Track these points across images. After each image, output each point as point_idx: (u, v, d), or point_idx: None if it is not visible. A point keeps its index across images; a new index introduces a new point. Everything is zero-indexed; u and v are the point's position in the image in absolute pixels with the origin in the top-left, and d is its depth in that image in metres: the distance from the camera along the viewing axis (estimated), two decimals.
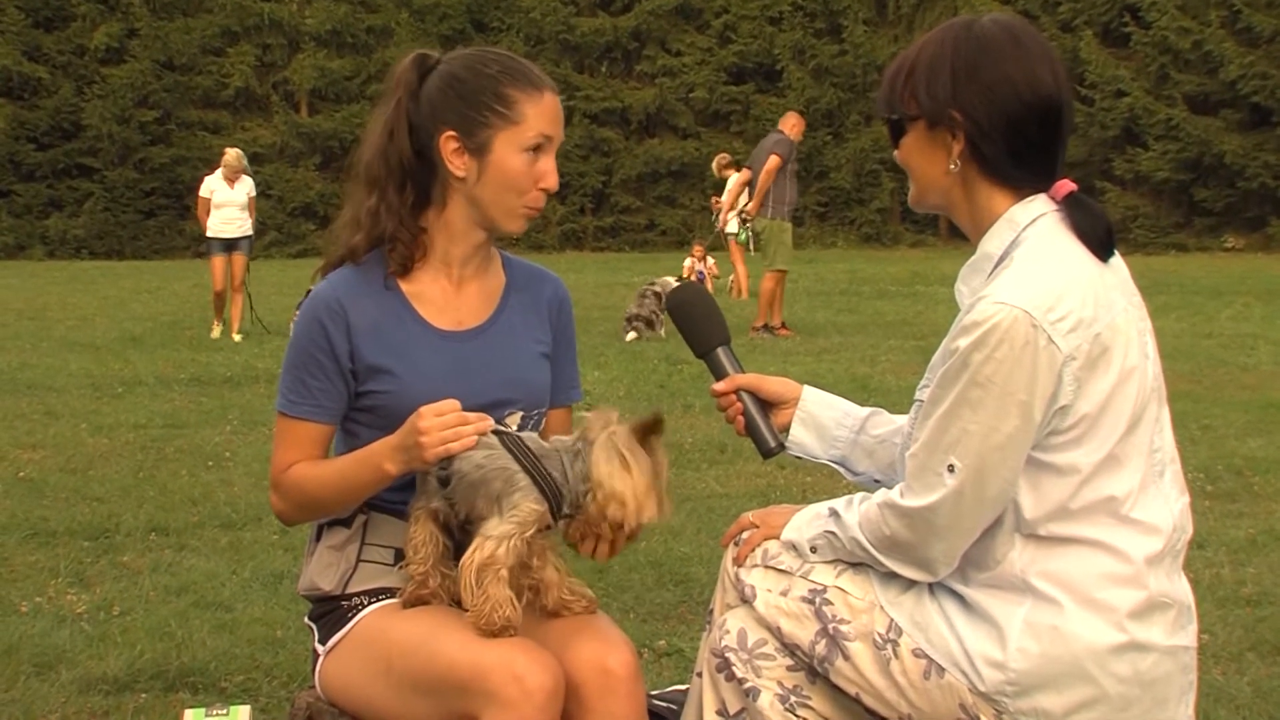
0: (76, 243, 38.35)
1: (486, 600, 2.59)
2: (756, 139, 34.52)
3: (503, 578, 2.59)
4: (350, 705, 2.81)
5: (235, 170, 16.54)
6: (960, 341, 2.38)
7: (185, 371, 13.00)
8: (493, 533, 2.60)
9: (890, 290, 22.91)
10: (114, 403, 11.11)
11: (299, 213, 39.65)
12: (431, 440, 2.63)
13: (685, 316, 2.93)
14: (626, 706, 2.64)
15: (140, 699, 4.41)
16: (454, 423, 2.64)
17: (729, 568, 2.80)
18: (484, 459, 2.64)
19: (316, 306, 2.84)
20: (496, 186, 2.81)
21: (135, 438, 9.42)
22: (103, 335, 16.52)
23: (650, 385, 11.77)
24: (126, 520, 6.86)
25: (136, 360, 13.92)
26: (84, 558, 6.22)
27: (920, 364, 10.43)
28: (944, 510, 2.43)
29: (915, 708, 2.51)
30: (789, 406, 2.88)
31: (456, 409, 2.66)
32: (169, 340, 15.97)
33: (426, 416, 2.64)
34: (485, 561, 2.59)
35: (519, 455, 2.62)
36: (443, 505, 2.71)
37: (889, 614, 2.54)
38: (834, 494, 2.73)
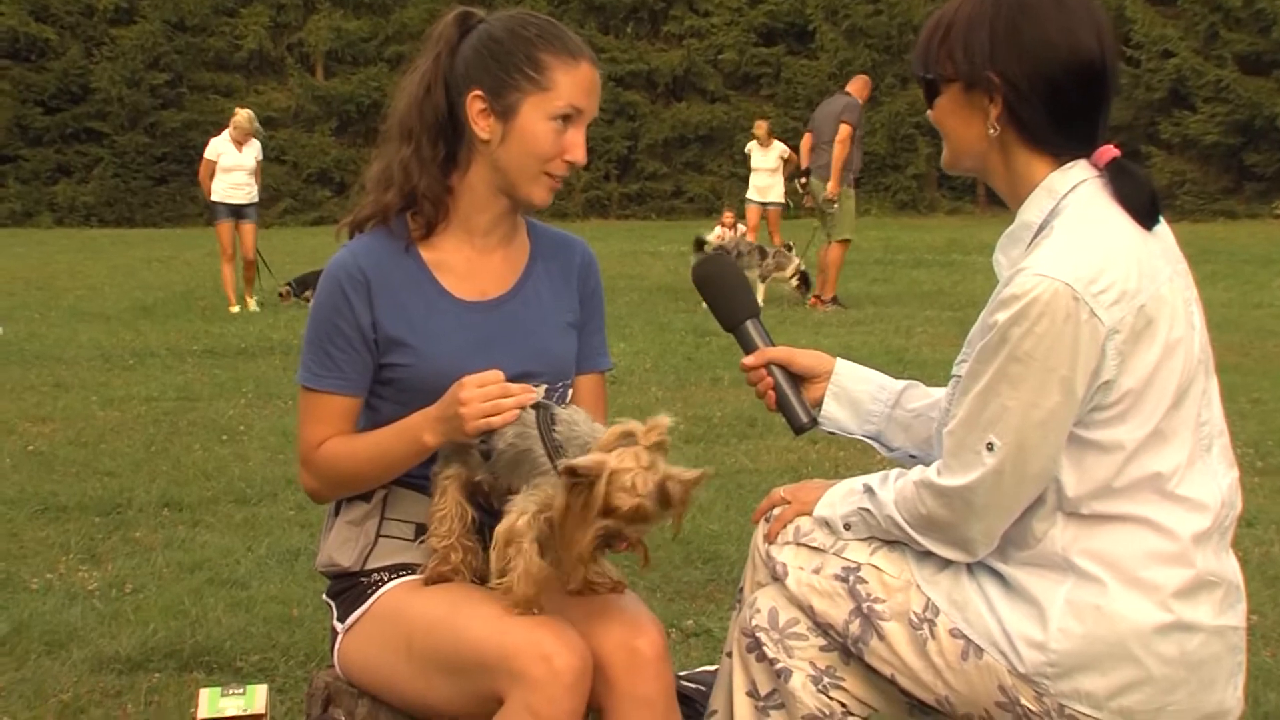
0: (85, 210, 38.46)
1: (515, 569, 2.60)
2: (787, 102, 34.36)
3: (526, 550, 2.60)
4: (370, 685, 2.82)
5: (246, 133, 16.18)
6: (999, 315, 2.38)
7: (198, 342, 13.04)
8: (515, 507, 2.62)
9: (926, 259, 22.85)
10: (125, 374, 11.16)
11: (314, 179, 39.68)
12: (472, 412, 2.63)
13: (713, 289, 2.93)
14: (654, 687, 2.65)
15: (154, 678, 4.44)
16: (496, 394, 2.64)
17: (759, 545, 2.80)
18: (515, 437, 2.65)
19: (338, 275, 2.85)
20: (519, 152, 2.81)
21: (147, 410, 9.47)
22: (113, 305, 16.58)
23: (677, 358, 11.77)
24: (139, 495, 6.90)
25: (148, 331, 13.98)
26: (95, 534, 6.26)
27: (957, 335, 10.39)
28: (983, 490, 2.43)
29: (952, 689, 2.52)
30: (821, 380, 2.88)
31: (499, 380, 2.66)
32: (181, 310, 16.02)
33: (468, 387, 2.65)
34: (507, 534, 2.61)
35: (545, 439, 2.62)
36: (487, 477, 2.72)
37: (925, 593, 2.55)
38: (868, 470, 2.74)
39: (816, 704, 2.62)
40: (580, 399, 3.03)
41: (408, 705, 2.78)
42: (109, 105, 39.03)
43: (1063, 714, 2.42)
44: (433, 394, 2.74)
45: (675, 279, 19.14)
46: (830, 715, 2.62)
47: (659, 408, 9.25)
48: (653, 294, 17.40)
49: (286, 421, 8.75)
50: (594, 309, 3.08)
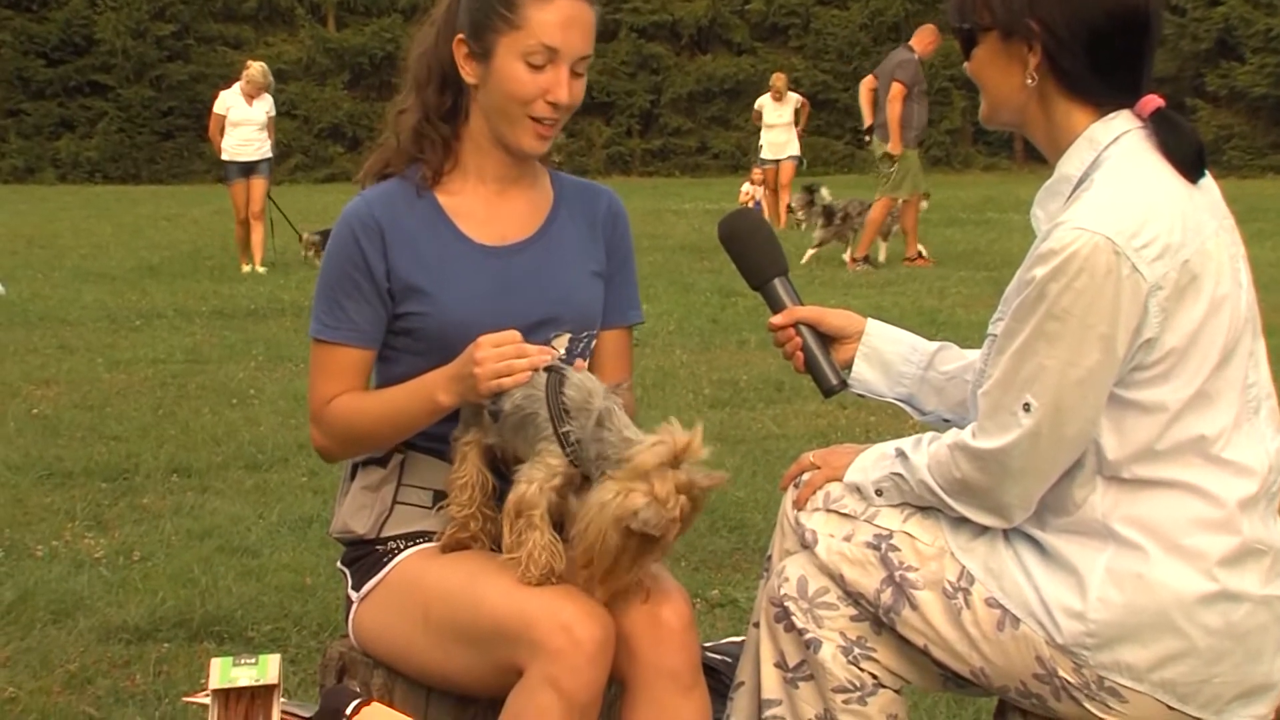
0: (89, 166, 38.56)
1: (522, 546, 2.61)
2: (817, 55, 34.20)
3: (537, 523, 2.61)
4: (385, 655, 2.84)
5: (259, 86, 16.04)
6: (1036, 271, 2.37)
7: (207, 303, 13.08)
8: (523, 476, 2.63)
9: (961, 217, 22.78)
10: (131, 336, 11.20)
11: (326, 134, 39.72)
12: (486, 372, 2.64)
13: (739, 245, 2.92)
14: (680, 659, 2.65)
15: (163, 648, 4.47)
16: (511, 354, 2.65)
17: (788, 511, 2.80)
18: (524, 399, 2.65)
19: (351, 223, 2.86)
20: (498, 95, 2.81)
21: (154, 373, 9.50)
22: (118, 264, 16.63)
23: (702, 319, 11.77)
24: (146, 460, 6.93)
25: (154, 291, 14.02)
26: (102, 500, 6.29)
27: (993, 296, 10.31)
28: (1019, 452, 2.43)
29: (988, 661, 2.52)
30: (851, 341, 2.88)
31: (517, 340, 2.67)
32: (189, 270, 16.06)
33: (484, 346, 2.65)
34: (516, 506, 2.62)
35: (551, 404, 2.62)
36: (497, 441, 2.73)
37: (960, 561, 2.55)
38: (900, 435, 2.73)
39: (847, 675, 2.62)
40: (603, 355, 3.03)
41: (424, 676, 2.79)
42: (113, 57, 39.08)
43: (1102, 686, 2.42)
44: (450, 344, 2.74)
45: (700, 238, 19.12)
46: (861, 687, 2.63)
47: (683, 371, 9.26)
48: (676, 253, 17.38)
49: (298, 385, 8.77)
50: (623, 260, 3.07)
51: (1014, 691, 2.54)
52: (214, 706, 2.44)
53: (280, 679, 2.43)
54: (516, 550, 2.62)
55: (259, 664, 2.44)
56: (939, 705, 3.97)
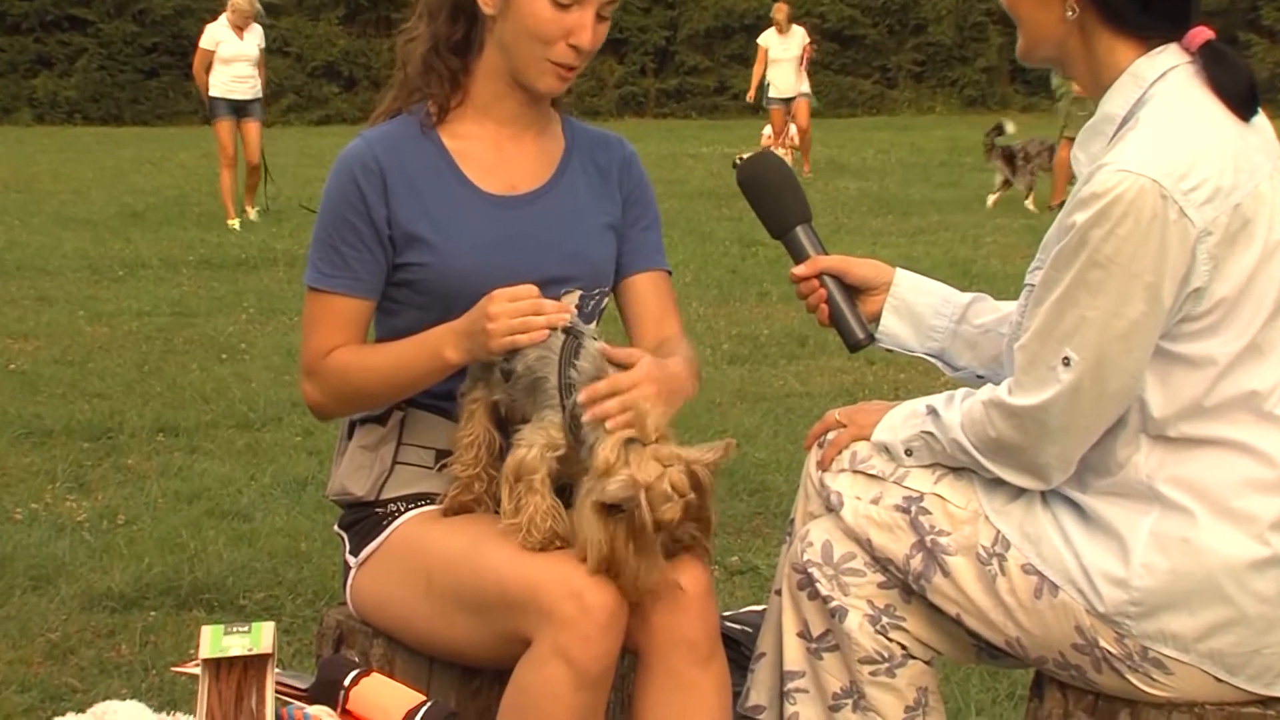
0: (68, 105, 38.50)
1: (524, 512, 2.62)
2: None
3: (537, 487, 2.62)
4: (385, 624, 2.85)
5: (246, 16, 15.54)
6: (1077, 216, 2.36)
7: (194, 252, 13.09)
8: (524, 439, 2.63)
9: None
10: (114, 287, 11.22)
11: (320, 73, 39.60)
12: (499, 328, 2.64)
13: (760, 191, 2.90)
14: (697, 627, 2.66)
15: (149, 617, 4.49)
16: (528, 310, 2.65)
17: (812, 473, 2.81)
18: (536, 360, 2.65)
19: (350, 164, 2.85)
20: (518, 31, 2.80)
21: (139, 326, 9.53)
22: (100, 211, 16.63)
23: (720, 270, 11.77)
24: (131, 419, 6.96)
25: (139, 239, 14.04)
26: (84, 460, 6.32)
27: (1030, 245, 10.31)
28: (1058, 409, 2.43)
29: (1024, 630, 2.53)
30: (879, 292, 2.87)
31: (533, 295, 2.67)
32: (175, 217, 16.06)
33: (499, 300, 2.65)
34: (517, 470, 2.62)
35: (561, 371, 2.62)
36: (504, 399, 2.73)
37: (995, 525, 2.55)
38: (930, 392, 2.73)
39: (874, 646, 2.63)
40: (646, 303, 3.02)
41: (426, 646, 2.80)
42: None
43: (1146, 657, 2.43)
44: (453, 297, 2.75)
45: (718, 183, 19.09)
46: (889, 658, 2.64)
47: (700, 325, 9.26)
48: (693, 200, 17.36)
49: (291, 339, 8.79)
50: (643, 206, 3.07)
51: (1052, 663, 2.55)
52: (204, 677, 2.45)
53: (275, 648, 2.44)
54: (515, 516, 2.62)
55: (252, 632, 2.45)
56: (971, 678, 3.99)
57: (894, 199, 17.21)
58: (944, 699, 2.75)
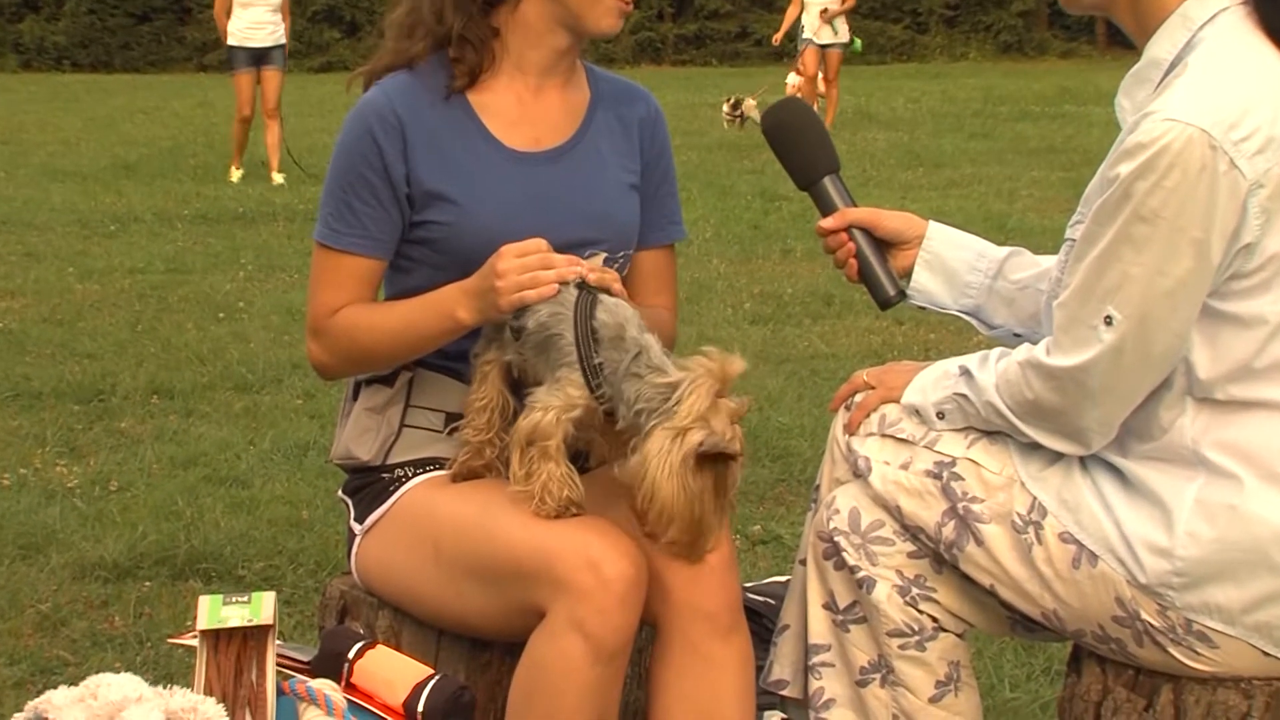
0: (57, 51, 38.49)
1: (537, 479, 2.61)
2: None
3: (553, 452, 2.61)
4: (392, 594, 2.86)
5: None
6: (1121, 167, 2.35)
7: (189, 206, 13.10)
8: (539, 402, 2.62)
9: (1034, 111, 22.65)
10: (105, 243, 11.23)
11: (321, 18, 39.56)
12: (508, 284, 2.63)
13: (785, 139, 2.90)
14: (717, 599, 2.67)
15: (144, 587, 4.51)
16: (536, 265, 2.64)
17: (839, 437, 2.81)
18: (549, 317, 2.64)
19: (367, 116, 2.84)
20: None
21: (131, 284, 9.54)
22: (90, 162, 16.64)
23: (742, 225, 11.76)
24: (124, 381, 6.97)
25: (131, 192, 14.04)
26: (75, 424, 6.34)
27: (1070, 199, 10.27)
28: (1099, 370, 2.42)
29: (1061, 602, 2.53)
30: (911, 246, 2.86)
31: (543, 249, 2.66)
32: (169, 169, 16.06)
33: (506, 256, 2.65)
34: (530, 435, 2.61)
35: (579, 327, 2.61)
36: (517, 359, 2.73)
37: (1031, 491, 2.55)
38: (963, 353, 2.73)
39: (903, 618, 2.63)
40: (643, 277, 3.02)
41: (435, 617, 2.81)
42: None
43: (1190, 630, 2.43)
44: (473, 259, 2.74)
45: (740, 135, 19.07)
46: (919, 631, 2.64)
47: (721, 283, 9.26)
48: (713, 152, 17.34)
49: (292, 297, 8.80)
50: (663, 171, 3.06)
51: (1090, 636, 2.55)
52: (202, 649, 2.46)
53: (276, 619, 2.45)
54: (526, 483, 2.62)
55: (252, 602, 2.46)
56: (1006, 652, 3.99)
57: (925, 150, 17.16)
58: (977, 674, 2.76)
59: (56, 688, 2.31)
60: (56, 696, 2.28)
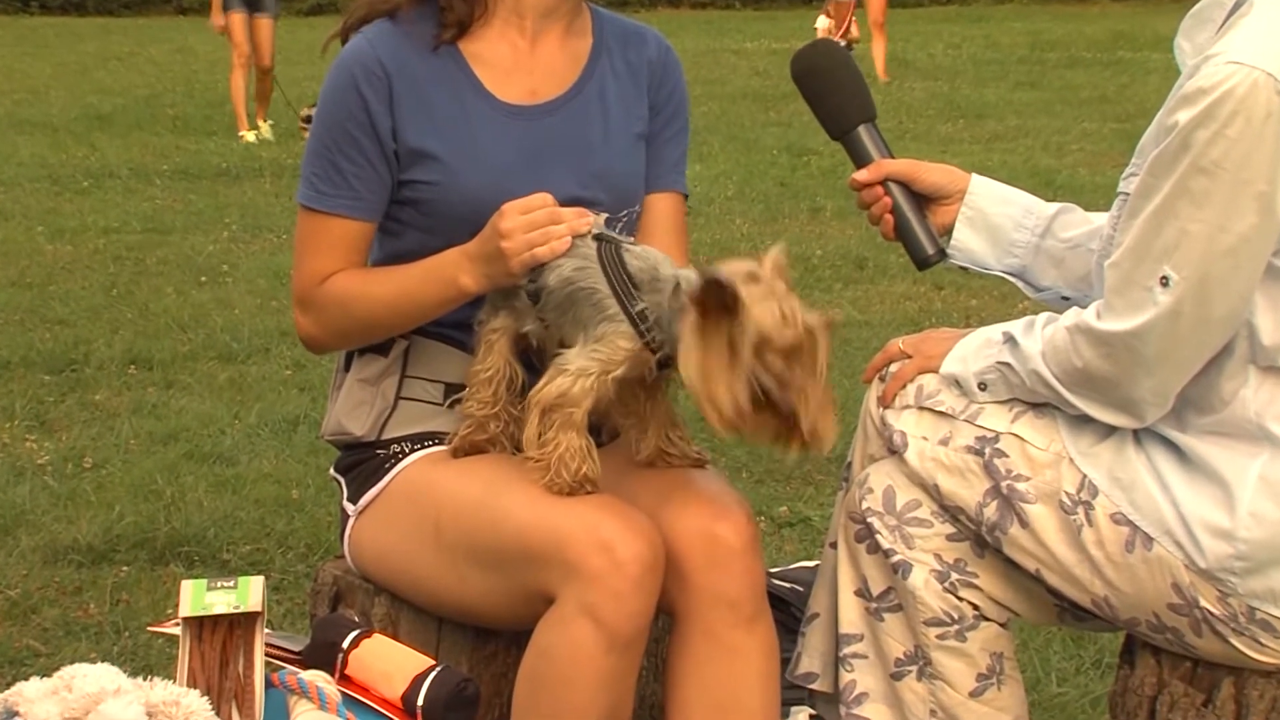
0: None
1: (555, 449, 2.60)
2: None
3: (576, 422, 2.60)
4: (388, 579, 2.86)
5: None
6: (1180, 115, 2.35)
7: (168, 161, 13.10)
8: (569, 365, 2.61)
9: (1085, 57, 22.60)
10: (78, 200, 11.24)
11: None
12: (515, 245, 2.63)
13: (817, 85, 2.89)
14: (740, 584, 2.66)
15: (121, 572, 4.52)
16: (543, 221, 2.64)
17: (872, 410, 2.81)
18: (574, 272, 2.63)
19: (351, 69, 2.84)
20: None
21: (106, 245, 9.54)
22: (61, 113, 16.64)
23: (768, 182, 11.74)
24: (98, 349, 6.98)
25: (105, 146, 14.05)
26: (45, 396, 6.35)
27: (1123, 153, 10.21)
28: (1155, 336, 2.42)
29: (1113, 588, 2.53)
30: (952, 202, 2.86)
31: (549, 203, 2.66)
32: (146, 120, 16.06)
33: (510, 214, 2.64)
34: (555, 400, 2.60)
35: (612, 275, 2.61)
36: (536, 327, 2.72)
37: (1081, 469, 2.55)
38: (1007, 319, 2.72)
39: (942, 605, 2.64)
40: (652, 227, 3.01)
41: (435, 604, 2.81)
42: None
43: (1253, 619, 2.43)
44: (464, 222, 2.74)
45: (764, 83, 19.04)
46: (959, 620, 2.64)
47: (745, 245, 9.25)
48: (736, 102, 17.32)
49: (279, 260, 8.80)
50: (671, 114, 3.05)
51: (1144, 625, 2.55)
52: (184, 638, 2.47)
53: (264, 606, 2.46)
54: (540, 450, 2.61)
55: (238, 588, 2.47)
56: (1053, 642, 3.99)
57: (966, 101, 17.13)
58: (1021, 666, 2.77)
59: (28, 679, 2.32)
60: (28, 689, 2.29)
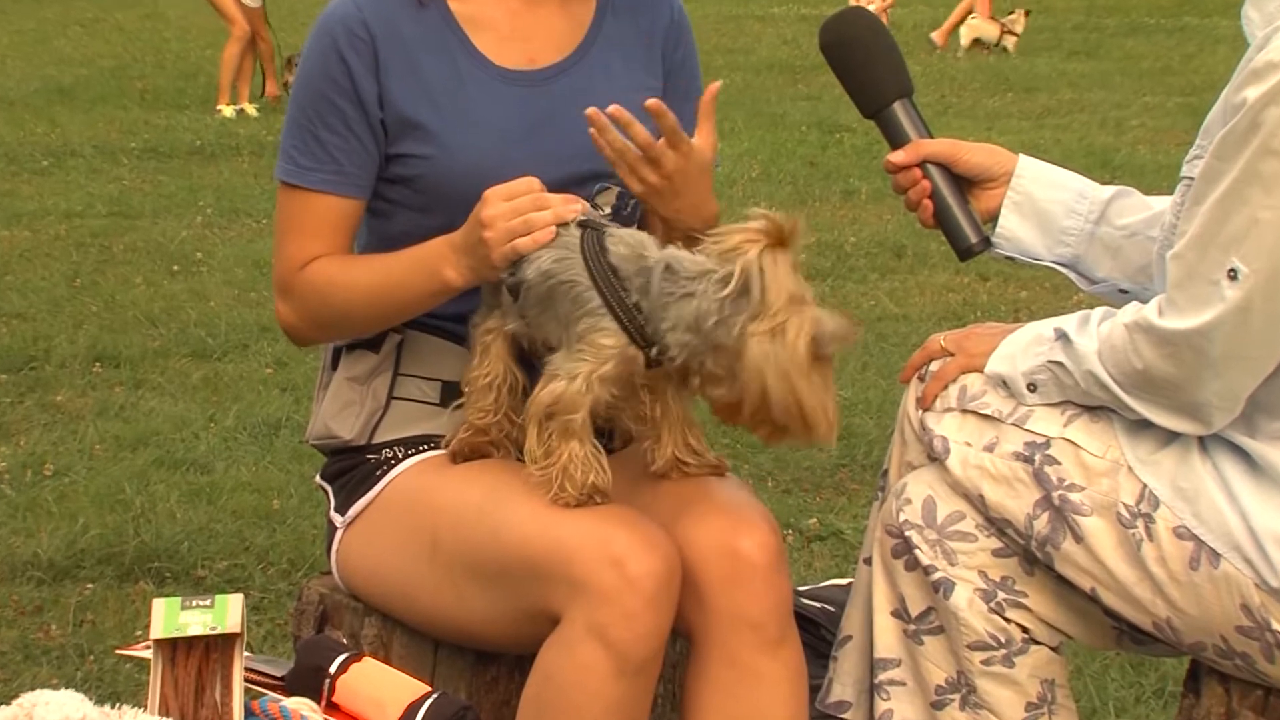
0: None
1: (557, 460, 2.61)
2: None
3: (577, 429, 2.61)
4: (380, 597, 2.87)
5: None
6: (1249, 91, 2.35)
7: (137, 138, 13.10)
8: (559, 370, 2.61)
9: (1146, 24, 22.57)
10: (37, 181, 11.25)
11: None
12: (497, 234, 2.63)
13: (849, 57, 2.89)
14: (763, 604, 2.66)
15: (85, 590, 4.53)
16: (526, 208, 2.64)
17: (911, 413, 2.81)
18: (554, 264, 2.63)
19: (332, 29, 2.84)
20: None
21: (68, 231, 9.55)
22: (18, 86, 16.64)
23: (795, 162, 11.74)
24: (60, 346, 6.99)
25: (67, 122, 14.05)
26: (2, 397, 6.36)
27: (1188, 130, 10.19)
28: (1221, 334, 2.42)
29: (1176, 610, 2.53)
30: (997, 185, 2.86)
31: (535, 188, 2.66)
32: (112, 94, 16.06)
33: (492, 201, 2.64)
34: (550, 407, 2.60)
35: (594, 266, 2.60)
36: (519, 325, 2.72)
37: (1140, 478, 2.55)
38: (1059, 313, 2.73)
39: (987, 628, 2.64)
40: None
41: (431, 624, 2.82)
42: None
43: None
44: (460, 199, 2.74)
45: (792, 53, 19.02)
46: (1007, 643, 2.64)
47: None
48: (761, 74, 17.31)
49: (258, 246, 8.82)
50: (685, 87, 3.06)
51: (1211, 650, 2.56)
52: (157, 662, 2.47)
53: (244, 627, 2.46)
54: (544, 464, 2.62)
55: (215, 607, 2.47)
56: (1110, 669, 3.99)
57: (1014, 72, 17.11)
58: (1075, 695, 2.76)
59: None
60: None
